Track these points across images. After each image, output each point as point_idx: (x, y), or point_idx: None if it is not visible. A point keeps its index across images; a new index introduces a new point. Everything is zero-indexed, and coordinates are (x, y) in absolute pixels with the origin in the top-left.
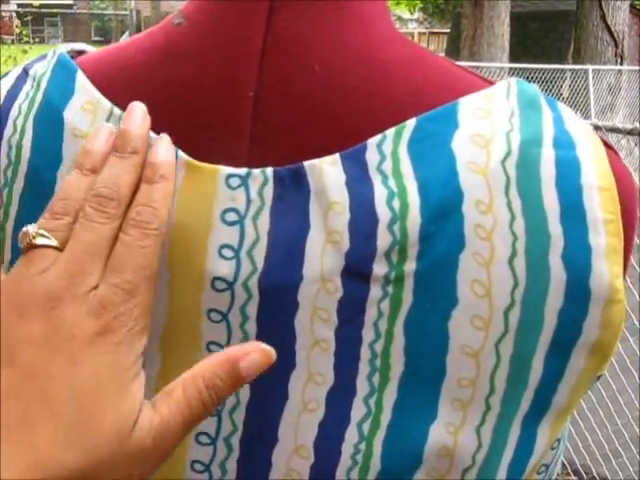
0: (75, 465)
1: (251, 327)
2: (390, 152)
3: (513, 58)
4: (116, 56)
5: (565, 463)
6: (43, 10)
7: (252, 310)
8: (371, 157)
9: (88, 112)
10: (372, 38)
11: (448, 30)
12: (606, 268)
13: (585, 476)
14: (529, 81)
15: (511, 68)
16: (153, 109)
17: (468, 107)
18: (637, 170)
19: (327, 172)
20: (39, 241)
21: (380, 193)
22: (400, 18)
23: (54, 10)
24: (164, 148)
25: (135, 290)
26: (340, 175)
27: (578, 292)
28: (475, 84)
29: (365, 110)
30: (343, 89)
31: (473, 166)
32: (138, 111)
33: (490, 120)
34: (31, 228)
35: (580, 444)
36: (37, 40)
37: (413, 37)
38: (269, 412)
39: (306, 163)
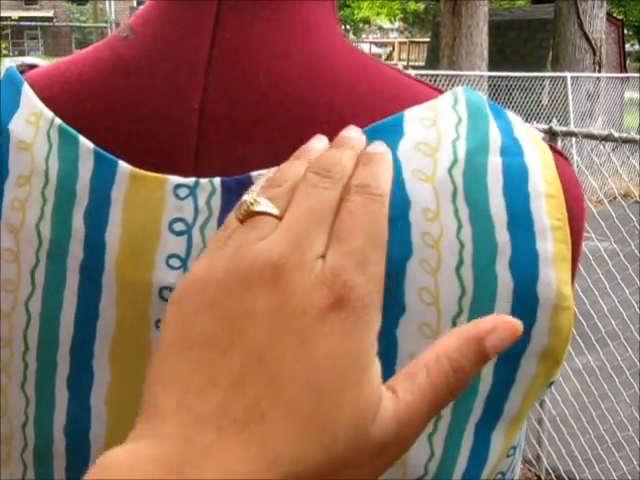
0: (315, 463)
1: None
2: None
3: (492, 66)
4: (63, 70)
5: (549, 469)
6: (23, 23)
7: None
8: None
9: (32, 124)
10: (318, 46)
11: (428, 39)
12: (554, 275)
13: None
14: (509, 89)
15: (490, 76)
16: (97, 123)
17: (413, 117)
18: (613, 175)
19: None
20: (258, 208)
21: None
22: (381, 28)
23: (34, 23)
24: (382, 145)
25: (367, 260)
26: None
27: (526, 299)
28: (422, 92)
29: (310, 121)
30: (288, 99)
31: (420, 174)
32: (357, 129)
33: (436, 129)
34: (248, 196)
35: (563, 450)
36: (17, 53)
37: (394, 47)
38: None
39: (253, 173)
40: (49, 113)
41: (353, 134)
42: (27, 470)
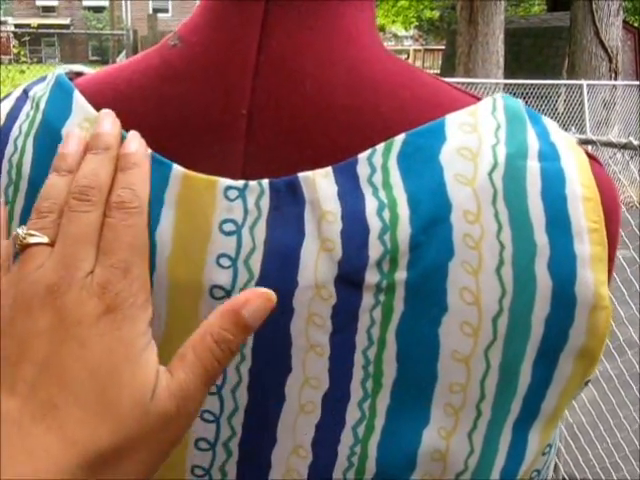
0: (108, 442)
1: None
2: (380, 165)
3: (508, 74)
4: (113, 77)
5: (565, 477)
6: (40, 30)
7: None
8: (362, 170)
9: (85, 129)
10: (361, 54)
11: (443, 47)
12: (591, 276)
13: None
14: (524, 97)
15: (506, 84)
16: (149, 129)
17: (454, 122)
18: (633, 184)
19: (320, 183)
20: (30, 240)
21: (371, 204)
22: (396, 35)
23: (51, 30)
24: (134, 141)
25: (130, 267)
26: (332, 187)
27: (564, 299)
28: (461, 99)
29: (354, 126)
30: (333, 106)
31: (461, 178)
32: (108, 117)
33: (477, 134)
34: (20, 230)
35: (580, 458)
36: (35, 60)
37: (408, 54)
38: (267, 414)
39: (300, 175)
40: None
41: (105, 128)
42: None
